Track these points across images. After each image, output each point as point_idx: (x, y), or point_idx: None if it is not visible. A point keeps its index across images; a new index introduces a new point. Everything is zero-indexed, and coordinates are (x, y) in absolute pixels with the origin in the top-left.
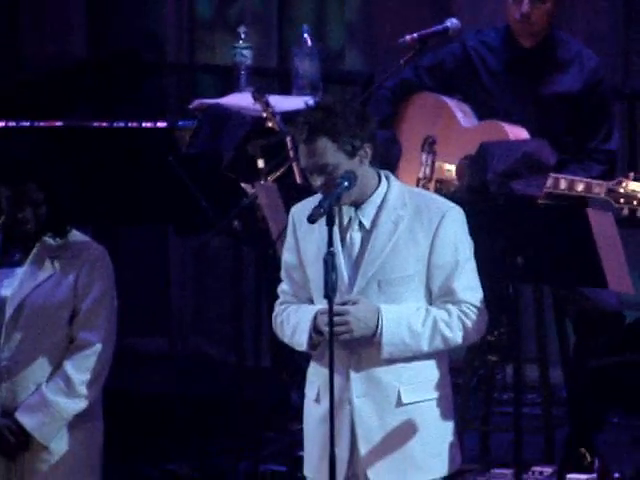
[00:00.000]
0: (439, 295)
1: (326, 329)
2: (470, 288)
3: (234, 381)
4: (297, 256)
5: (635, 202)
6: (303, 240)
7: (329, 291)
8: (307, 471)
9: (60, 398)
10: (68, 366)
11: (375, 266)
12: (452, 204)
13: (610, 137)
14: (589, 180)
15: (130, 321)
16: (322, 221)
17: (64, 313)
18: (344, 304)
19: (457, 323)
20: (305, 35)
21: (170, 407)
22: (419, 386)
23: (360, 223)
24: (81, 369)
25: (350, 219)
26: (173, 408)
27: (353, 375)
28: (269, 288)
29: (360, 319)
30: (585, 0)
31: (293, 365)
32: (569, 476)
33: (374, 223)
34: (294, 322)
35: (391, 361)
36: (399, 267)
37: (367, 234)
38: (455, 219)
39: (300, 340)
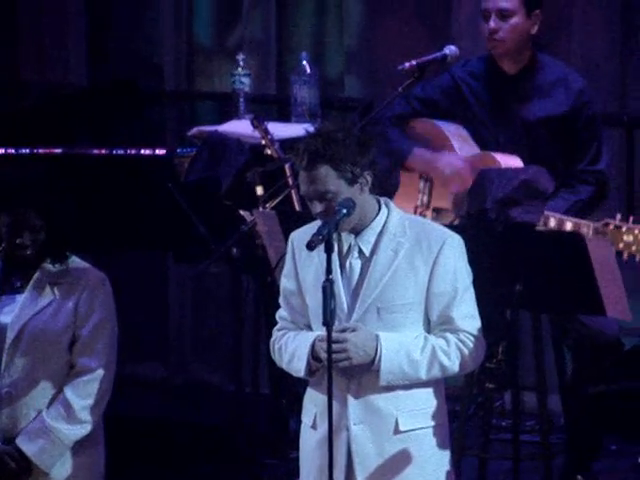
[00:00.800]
0: (437, 323)
1: (324, 356)
2: (468, 317)
3: (232, 408)
4: (296, 282)
5: (621, 245)
6: (302, 267)
7: (328, 318)
8: None
9: (61, 424)
10: (68, 392)
11: (374, 293)
12: (452, 232)
13: (599, 158)
14: (577, 220)
15: (128, 347)
16: (321, 248)
17: (64, 339)
18: (343, 331)
19: (455, 352)
20: (304, 62)
21: (168, 434)
22: (417, 414)
23: (360, 250)
24: (81, 395)
25: (350, 246)
26: (171, 435)
27: (351, 402)
28: (268, 316)
29: (359, 346)
30: (582, 25)
31: (291, 392)
32: None
33: (374, 250)
34: (292, 349)
35: (389, 388)
36: (398, 295)
37: (367, 261)
38: (455, 247)
39: (298, 366)
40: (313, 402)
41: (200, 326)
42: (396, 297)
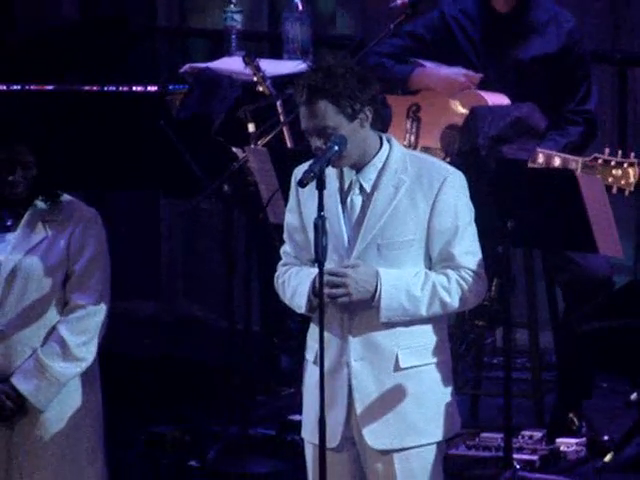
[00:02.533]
0: (438, 260)
1: (325, 292)
2: (470, 253)
3: (224, 345)
4: (299, 218)
5: (610, 179)
6: (305, 203)
7: (320, 255)
8: (305, 433)
9: (56, 362)
10: (63, 329)
11: (375, 230)
12: (454, 169)
13: (588, 98)
14: (565, 155)
15: (119, 284)
16: (327, 186)
17: (58, 276)
18: (343, 268)
19: (456, 288)
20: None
21: (159, 371)
22: (417, 350)
23: (361, 186)
24: (76, 332)
25: (351, 182)
26: (162, 372)
27: (351, 338)
28: (259, 252)
29: (359, 282)
30: None
31: (283, 330)
32: (559, 440)
33: (375, 186)
34: (294, 284)
35: (390, 325)
36: (399, 231)
37: (368, 197)
38: (456, 184)
39: (300, 302)
40: (314, 339)
41: (191, 263)
42: (396, 234)
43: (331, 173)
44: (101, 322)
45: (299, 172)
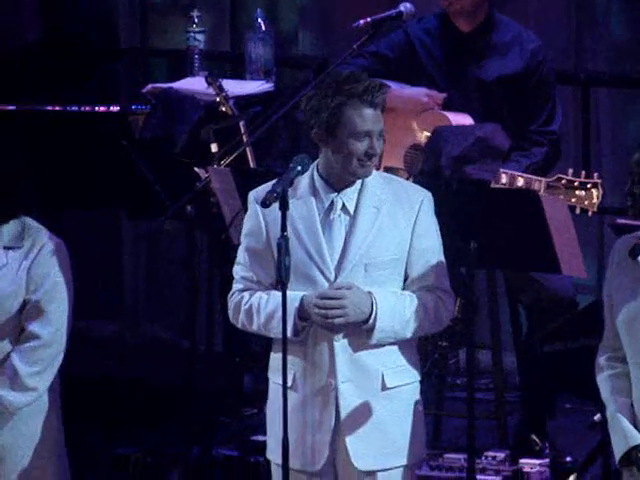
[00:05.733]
0: (416, 280)
1: (318, 312)
2: (443, 274)
3: (186, 366)
4: (265, 240)
5: (574, 199)
6: (271, 224)
7: (282, 276)
8: (271, 455)
9: (5, 391)
10: (15, 358)
11: (361, 249)
12: (425, 190)
13: (552, 119)
14: (529, 176)
15: (82, 305)
16: (302, 206)
17: (14, 304)
18: (338, 290)
19: (435, 310)
20: (258, 19)
21: (122, 392)
22: (400, 370)
23: (343, 206)
24: (29, 361)
25: (332, 202)
26: (125, 393)
27: (338, 360)
28: (222, 273)
29: (355, 304)
30: None
31: (246, 350)
32: (522, 461)
33: (357, 207)
34: (271, 309)
35: (376, 345)
36: (384, 251)
37: (351, 218)
38: (431, 205)
39: (278, 327)
40: (290, 362)
41: (154, 283)
42: (381, 253)
43: (306, 193)
44: (57, 353)
45: (256, 195)
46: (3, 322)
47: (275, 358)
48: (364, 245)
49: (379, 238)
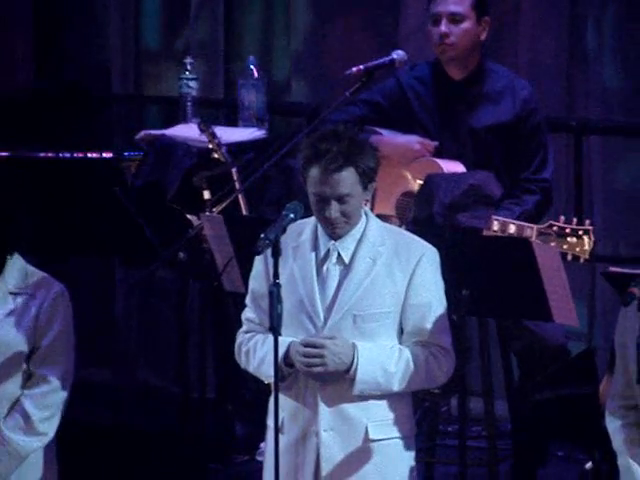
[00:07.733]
0: (411, 334)
1: (301, 360)
2: (441, 331)
3: (179, 413)
4: (267, 285)
5: (565, 246)
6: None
7: (274, 323)
8: None
9: (18, 435)
10: (27, 403)
11: (352, 300)
12: (429, 245)
13: (544, 167)
14: (521, 223)
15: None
16: (301, 253)
17: (23, 349)
18: (320, 339)
19: (427, 365)
20: (251, 66)
21: (114, 439)
22: (386, 424)
23: (339, 256)
24: (40, 406)
25: (328, 251)
26: (116, 440)
27: (321, 408)
28: (214, 320)
29: (335, 354)
30: (529, 30)
31: (238, 397)
32: None
33: (353, 257)
34: (262, 354)
35: (361, 397)
36: (375, 303)
37: (345, 268)
38: (432, 261)
39: (268, 372)
40: (281, 407)
41: (146, 330)
42: (373, 305)
43: (305, 241)
44: (64, 397)
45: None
46: (15, 367)
47: (269, 401)
48: (355, 296)
49: (372, 290)
